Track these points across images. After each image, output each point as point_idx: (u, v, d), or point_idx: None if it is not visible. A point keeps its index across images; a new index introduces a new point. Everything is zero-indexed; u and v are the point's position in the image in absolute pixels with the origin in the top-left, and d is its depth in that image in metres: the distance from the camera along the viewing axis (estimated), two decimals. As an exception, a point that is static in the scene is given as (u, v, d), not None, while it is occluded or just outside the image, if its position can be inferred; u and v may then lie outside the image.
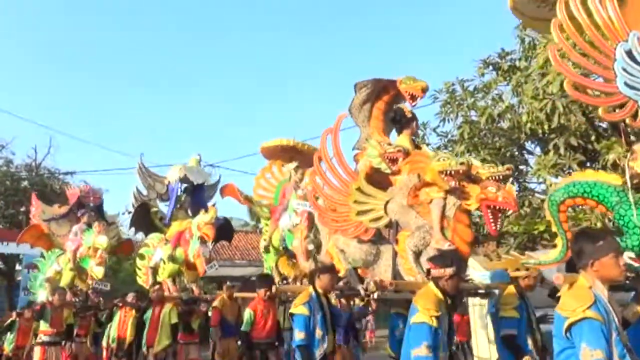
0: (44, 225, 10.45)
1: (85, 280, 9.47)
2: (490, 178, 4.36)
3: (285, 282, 7.33)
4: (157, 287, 7.77)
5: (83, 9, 47.91)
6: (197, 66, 53.85)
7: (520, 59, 10.69)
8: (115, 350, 8.16)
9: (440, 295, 3.47)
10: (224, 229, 8.45)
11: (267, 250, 7.66)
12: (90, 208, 10.28)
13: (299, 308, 4.44)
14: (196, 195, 9.56)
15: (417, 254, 4.52)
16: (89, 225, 9.59)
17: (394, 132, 5.67)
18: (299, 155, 7.78)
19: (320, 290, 4.54)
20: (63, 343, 8.25)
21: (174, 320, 7.37)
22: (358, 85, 5.38)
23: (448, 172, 4.33)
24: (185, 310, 7.54)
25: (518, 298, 4.47)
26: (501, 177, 4.36)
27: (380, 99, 5.45)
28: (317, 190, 5.33)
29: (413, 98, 5.07)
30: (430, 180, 4.46)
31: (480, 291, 4.81)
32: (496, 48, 11.22)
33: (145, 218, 9.17)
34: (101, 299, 9.16)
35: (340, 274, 5.49)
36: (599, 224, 7.55)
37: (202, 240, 7.49)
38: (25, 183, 23.74)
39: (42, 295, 10.04)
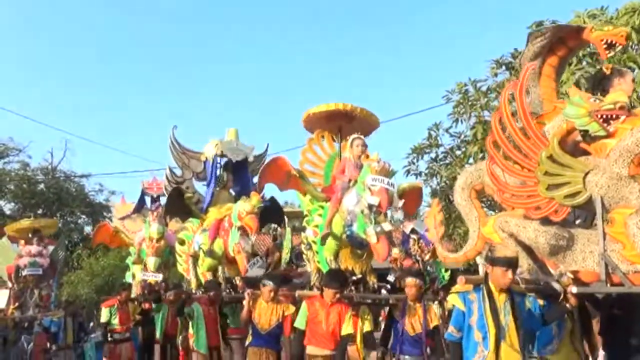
0: (119, 223, 10.48)
1: None
2: None
3: (353, 277, 5.85)
4: (214, 291, 6.58)
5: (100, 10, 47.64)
6: (209, 66, 52.88)
7: (533, 59, 10.97)
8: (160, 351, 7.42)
9: None
10: (270, 211, 7.24)
11: (324, 241, 5.88)
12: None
13: (452, 297, 3.91)
14: (239, 173, 8.57)
15: None
16: None
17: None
18: (349, 124, 6.66)
19: (491, 285, 3.76)
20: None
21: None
22: (533, 35, 4.50)
23: None
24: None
25: None
26: None
27: (554, 53, 4.57)
28: (494, 159, 4.38)
29: (610, 47, 4.13)
30: None
31: None
32: (509, 48, 10.99)
33: (180, 204, 8.14)
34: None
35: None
36: None
37: (244, 232, 6.58)
38: (42, 186, 24.28)
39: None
